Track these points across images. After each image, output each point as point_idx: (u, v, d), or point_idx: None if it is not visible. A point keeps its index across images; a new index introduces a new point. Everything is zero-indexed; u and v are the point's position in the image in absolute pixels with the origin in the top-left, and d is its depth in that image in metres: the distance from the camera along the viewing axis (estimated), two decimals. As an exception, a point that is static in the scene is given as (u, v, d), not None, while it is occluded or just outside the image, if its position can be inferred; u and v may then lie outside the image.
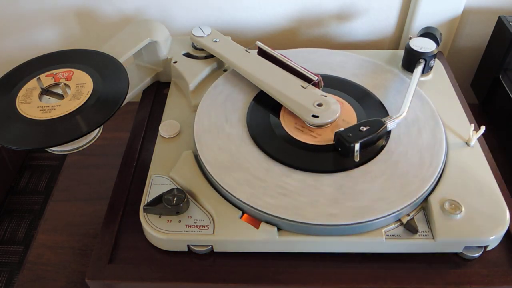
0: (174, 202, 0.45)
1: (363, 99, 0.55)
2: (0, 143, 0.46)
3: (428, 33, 0.61)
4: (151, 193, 0.47)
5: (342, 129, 0.48)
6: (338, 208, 0.44)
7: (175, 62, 0.61)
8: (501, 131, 0.66)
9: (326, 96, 0.52)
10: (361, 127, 0.48)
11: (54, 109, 0.49)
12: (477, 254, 0.44)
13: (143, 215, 0.45)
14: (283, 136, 0.51)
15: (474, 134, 0.50)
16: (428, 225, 0.44)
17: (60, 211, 0.60)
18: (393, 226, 0.44)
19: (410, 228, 0.44)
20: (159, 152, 0.52)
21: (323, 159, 0.48)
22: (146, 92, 0.63)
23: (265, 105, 0.54)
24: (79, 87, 0.51)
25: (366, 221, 0.43)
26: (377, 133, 0.48)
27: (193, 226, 0.44)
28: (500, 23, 0.66)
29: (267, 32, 0.77)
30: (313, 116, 0.50)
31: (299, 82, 0.54)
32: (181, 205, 0.44)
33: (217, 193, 0.46)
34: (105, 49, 0.57)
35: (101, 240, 0.46)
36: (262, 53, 0.59)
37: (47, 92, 0.52)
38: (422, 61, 0.58)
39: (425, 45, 0.58)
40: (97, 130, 0.51)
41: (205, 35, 0.61)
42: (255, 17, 0.75)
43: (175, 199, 0.45)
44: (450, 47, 0.76)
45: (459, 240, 0.43)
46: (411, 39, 0.60)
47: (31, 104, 0.50)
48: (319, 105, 0.51)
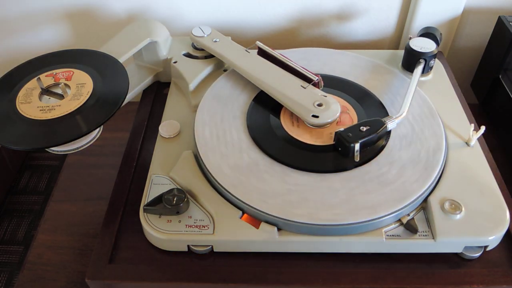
0: (174, 202, 0.45)
1: (363, 99, 0.55)
2: (0, 143, 0.46)
3: (428, 33, 0.62)
4: (151, 193, 0.47)
5: (342, 129, 0.48)
6: (338, 208, 0.44)
7: (175, 62, 0.61)
8: (501, 131, 0.66)
9: (326, 96, 0.52)
10: (361, 127, 0.48)
11: (54, 109, 0.49)
12: (477, 254, 0.44)
13: (143, 215, 0.45)
14: (283, 136, 0.51)
15: (474, 134, 0.50)
16: (428, 225, 0.44)
17: (60, 211, 0.60)
18: (393, 226, 0.44)
19: (410, 228, 0.44)
20: (159, 152, 0.52)
21: (323, 159, 0.48)
22: (146, 92, 0.63)
23: (265, 105, 0.54)
24: (79, 87, 0.51)
25: (366, 221, 0.43)
26: (377, 133, 0.48)
27: (193, 226, 0.44)
28: (500, 23, 0.66)
29: (267, 32, 0.77)
30: (313, 116, 0.50)
31: (299, 82, 0.54)
32: (181, 205, 0.44)
33: (217, 193, 0.46)
34: (105, 49, 0.57)
35: (101, 240, 0.46)
36: (262, 53, 0.59)
37: (47, 92, 0.52)
38: (422, 61, 0.58)
39: (425, 45, 0.58)
40: (97, 130, 0.51)
41: (205, 35, 0.61)
42: (255, 17, 0.75)
43: (175, 199, 0.45)
44: (450, 47, 0.76)
45: (459, 240, 0.43)
46: (411, 39, 0.60)
47: (31, 104, 0.50)
48: (319, 105, 0.51)
